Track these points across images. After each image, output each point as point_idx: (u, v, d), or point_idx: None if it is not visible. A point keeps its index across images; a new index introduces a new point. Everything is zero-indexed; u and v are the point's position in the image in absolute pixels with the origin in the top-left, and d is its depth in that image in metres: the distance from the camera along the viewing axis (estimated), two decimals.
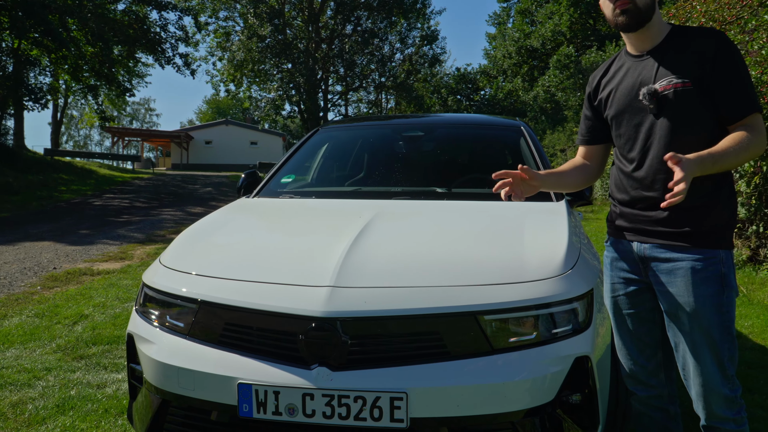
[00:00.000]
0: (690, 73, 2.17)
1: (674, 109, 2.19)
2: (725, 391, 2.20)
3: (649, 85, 2.24)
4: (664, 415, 2.49)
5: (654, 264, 2.27)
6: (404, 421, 2.23)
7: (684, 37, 2.25)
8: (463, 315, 2.35)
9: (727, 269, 2.20)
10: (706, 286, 2.16)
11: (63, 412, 3.52)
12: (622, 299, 2.43)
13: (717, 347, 2.17)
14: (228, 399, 2.36)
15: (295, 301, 2.37)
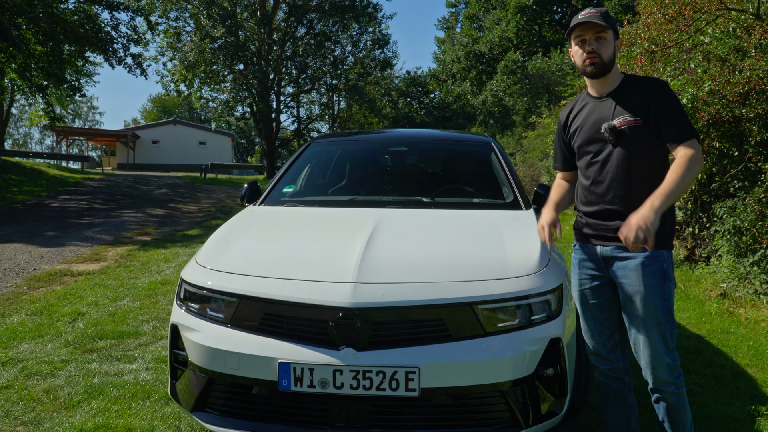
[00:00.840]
0: (640, 112, 2.78)
1: (628, 140, 2.80)
2: (668, 360, 2.78)
3: (608, 121, 2.84)
4: (620, 383, 3.05)
5: (614, 262, 2.86)
6: (416, 390, 2.79)
7: (634, 83, 2.88)
8: (461, 305, 2.92)
9: (667, 265, 2.80)
10: (652, 278, 2.75)
11: (93, 397, 3.96)
12: (587, 292, 3.01)
13: (661, 325, 2.76)
14: (269, 376, 2.87)
15: (325, 295, 2.90)
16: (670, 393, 2.83)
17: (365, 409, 2.86)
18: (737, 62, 7.21)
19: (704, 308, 6.39)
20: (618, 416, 3.09)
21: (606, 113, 2.88)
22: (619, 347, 3.03)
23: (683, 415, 2.86)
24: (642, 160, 2.80)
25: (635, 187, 2.79)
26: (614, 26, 2.86)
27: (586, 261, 3.01)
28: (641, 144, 2.79)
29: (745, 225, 6.95)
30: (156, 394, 4.00)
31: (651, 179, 2.74)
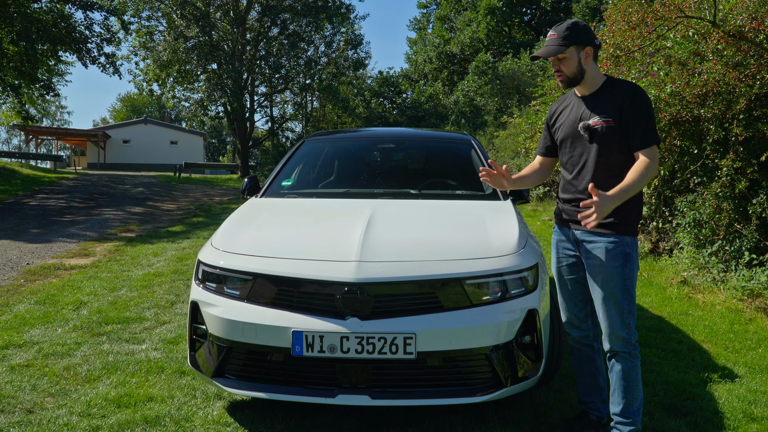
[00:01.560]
0: (613, 113, 3.13)
1: (600, 138, 3.17)
2: (623, 334, 3.17)
3: (585, 120, 3.23)
4: (590, 349, 3.47)
5: (583, 244, 3.28)
6: (413, 354, 3.22)
7: (612, 87, 3.21)
8: (451, 280, 3.36)
9: (630, 249, 3.17)
10: (614, 260, 3.14)
11: (111, 373, 4.32)
12: (564, 268, 3.43)
13: (618, 303, 3.15)
14: (283, 343, 3.28)
15: (332, 272, 3.32)
16: (623, 359, 3.20)
17: (368, 372, 3.28)
18: (696, 66, 7.75)
19: (665, 293, 6.91)
20: (588, 377, 3.49)
21: (585, 113, 3.24)
22: (590, 318, 3.42)
23: (634, 383, 3.21)
24: (613, 157, 3.15)
25: (606, 182, 3.12)
26: (575, 41, 3.15)
27: (563, 242, 3.42)
28: (613, 142, 3.14)
29: (704, 218, 7.48)
30: (169, 369, 4.37)
31: (621, 174, 3.09)
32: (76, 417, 3.61)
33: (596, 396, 3.49)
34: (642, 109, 3.10)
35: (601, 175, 3.18)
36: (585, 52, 3.19)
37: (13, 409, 3.72)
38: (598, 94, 3.24)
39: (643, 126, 3.09)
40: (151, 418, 3.57)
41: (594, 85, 3.25)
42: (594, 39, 3.21)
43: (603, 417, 3.46)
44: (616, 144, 3.14)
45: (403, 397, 3.30)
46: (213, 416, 3.63)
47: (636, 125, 3.09)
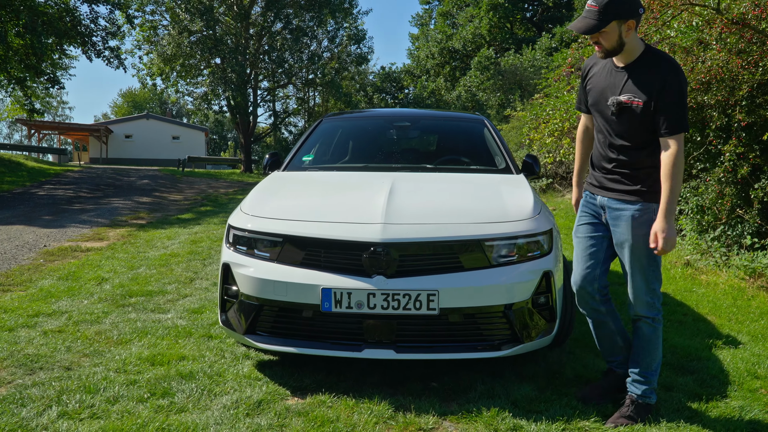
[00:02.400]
0: (645, 93, 3.09)
1: (630, 115, 3.17)
2: (647, 298, 3.28)
3: (614, 95, 3.20)
4: (598, 314, 3.50)
5: (610, 211, 3.32)
6: (436, 310, 3.41)
7: (651, 61, 3.13)
8: (472, 242, 3.56)
9: (656, 216, 3.14)
10: (640, 228, 3.18)
11: (141, 337, 4.51)
12: (584, 227, 3.49)
13: (644, 269, 3.24)
14: (313, 300, 3.47)
15: (360, 233, 3.52)
16: (646, 324, 3.32)
17: (393, 327, 3.47)
18: (700, 53, 7.93)
19: (669, 273, 7.10)
20: (604, 340, 3.57)
21: (616, 85, 3.22)
22: (597, 281, 3.42)
23: (654, 347, 3.34)
24: (639, 135, 3.18)
25: (631, 154, 3.21)
26: (616, 15, 3.02)
27: (590, 205, 3.48)
28: (641, 120, 3.14)
29: (707, 203, 7.67)
30: (197, 334, 4.57)
31: (649, 149, 3.17)
32: (113, 373, 3.80)
33: (617, 355, 3.56)
34: (675, 94, 3.05)
35: (629, 150, 3.24)
36: (627, 26, 3.07)
37: (52, 367, 3.90)
38: (634, 67, 3.18)
39: (673, 112, 3.06)
40: (185, 373, 3.76)
41: (631, 55, 3.18)
42: (638, 8, 3.06)
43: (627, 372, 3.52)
44: (645, 122, 3.15)
45: (426, 351, 3.50)
46: (244, 372, 3.82)
47: (666, 109, 3.07)
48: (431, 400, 3.45)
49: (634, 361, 3.39)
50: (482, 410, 3.26)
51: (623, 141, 3.25)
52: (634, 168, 3.23)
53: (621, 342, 3.54)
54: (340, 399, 3.43)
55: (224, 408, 3.30)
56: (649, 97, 3.09)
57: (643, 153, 3.20)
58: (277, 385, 3.65)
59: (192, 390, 3.53)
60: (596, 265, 3.45)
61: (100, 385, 3.57)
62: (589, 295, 3.47)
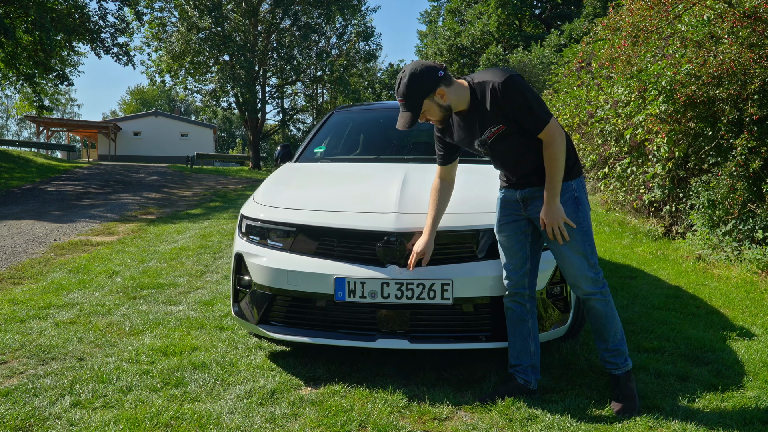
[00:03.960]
0: (498, 119, 3.12)
1: (503, 142, 3.20)
2: (590, 274, 3.21)
3: (479, 138, 3.23)
4: (523, 309, 3.38)
5: (530, 202, 3.29)
6: (450, 299, 3.39)
7: (480, 93, 3.14)
8: (486, 231, 3.54)
9: (578, 193, 3.23)
10: (566, 207, 3.19)
11: (153, 328, 4.51)
12: (507, 226, 3.38)
13: (580, 247, 3.19)
14: (326, 289, 3.46)
15: (373, 222, 3.50)
16: (598, 300, 3.25)
17: (406, 317, 3.46)
18: (712, 47, 7.88)
19: (681, 267, 7.06)
20: (518, 338, 3.39)
21: (472, 131, 3.25)
22: (528, 276, 3.38)
23: (612, 319, 3.27)
24: (523, 146, 3.20)
25: (531, 160, 3.22)
26: (421, 96, 3.10)
27: (507, 202, 3.40)
28: (513, 138, 3.18)
29: (718, 198, 7.61)
30: (209, 325, 4.56)
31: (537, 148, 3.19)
32: (125, 363, 3.79)
33: (525, 360, 3.39)
34: (518, 99, 3.06)
35: (523, 161, 3.26)
36: (438, 95, 3.14)
37: (64, 357, 3.91)
38: (475, 107, 3.20)
39: (528, 113, 3.08)
40: (198, 363, 3.76)
41: (465, 100, 3.21)
42: (436, 75, 3.11)
43: (530, 382, 3.36)
44: (518, 136, 3.18)
45: (440, 341, 3.48)
46: (256, 362, 3.81)
47: (523, 117, 3.10)
48: (445, 390, 3.43)
49: (600, 339, 3.33)
50: (497, 400, 3.23)
51: (516, 163, 3.28)
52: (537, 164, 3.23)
53: (533, 347, 3.41)
54: (354, 389, 3.41)
55: (237, 397, 3.29)
56: (503, 115, 3.12)
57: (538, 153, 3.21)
58: (290, 375, 3.64)
59: (205, 380, 3.52)
60: (526, 260, 3.40)
61: (113, 375, 3.57)
62: (518, 292, 3.40)
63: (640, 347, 4.18)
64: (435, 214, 3.46)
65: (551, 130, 3.12)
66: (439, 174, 3.59)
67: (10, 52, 25.74)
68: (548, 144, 3.14)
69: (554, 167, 3.14)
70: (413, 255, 3.40)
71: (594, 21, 9.62)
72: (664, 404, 3.26)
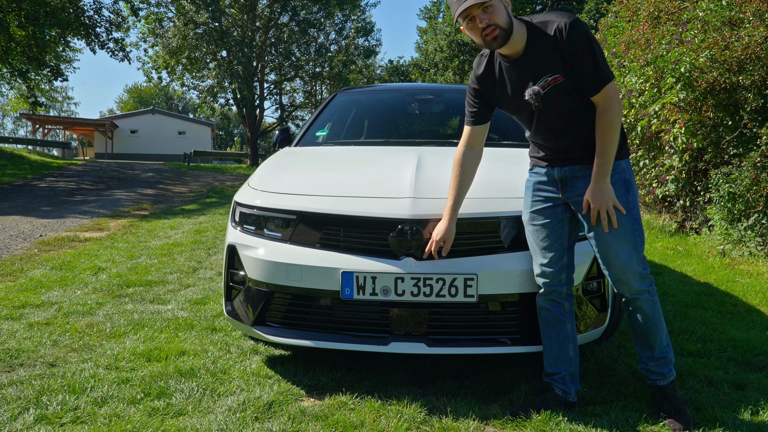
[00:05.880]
0: (556, 67, 2.67)
1: (557, 97, 2.73)
2: (639, 268, 2.75)
3: (532, 87, 2.73)
4: (560, 309, 2.92)
5: (572, 183, 2.84)
6: (474, 296, 2.94)
7: (540, 34, 2.69)
8: (514, 218, 3.07)
9: (628, 175, 2.81)
10: (615, 189, 2.74)
11: (137, 329, 4.05)
12: (541, 212, 2.92)
13: (629, 236, 2.74)
14: (331, 285, 3.00)
15: (386, 208, 3.04)
16: (646, 300, 2.80)
17: (423, 317, 3.00)
18: (732, 33, 7.44)
19: (707, 263, 6.62)
20: (555, 343, 2.95)
21: (524, 80, 2.78)
22: (564, 271, 2.93)
23: (659, 322, 2.84)
24: (576, 110, 2.77)
25: (579, 130, 2.80)
26: None
27: (541, 183, 2.95)
28: (568, 97, 2.74)
29: (741, 190, 7.16)
30: (199, 326, 4.10)
31: (589, 117, 2.75)
32: (102, 369, 3.34)
33: (563, 367, 2.93)
34: (584, 44, 2.63)
35: (571, 129, 2.82)
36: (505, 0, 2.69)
37: (34, 363, 3.45)
38: (531, 49, 2.73)
39: (589, 67, 2.65)
40: (185, 370, 3.30)
41: (521, 38, 2.73)
42: None
43: (570, 393, 2.91)
44: (574, 97, 2.75)
45: (463, 344, 3.03)
46: (251, 369, 3.35)
47: (582, 70, 2.66)
48: (468, 400, 2.97)
49: (645, 346, 2.87)
50: (531, 413, 2.78)
51: (563, 130, 2.83)
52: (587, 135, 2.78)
53: (572, 352, 2.96)
54: (364, 400, 2.96)
55: (229, 411, 2.84)
56: (563, 63, 2.68)
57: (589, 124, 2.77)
58: (290, 383, 3.18)
59: (192, 390, 3.06)
60: (563, 253, 2.95)
61: (87, 384, 3.11)
62: (555, 291, 2.94)
63: (683, 350, 3.73)
64: (457, 193, 2.99)
65: (610, 93, 2.68)
66: (465, 140, 3.08)
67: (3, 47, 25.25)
68: (605, 109, 2.69)
69: (608, 139, 2.68)
70: (432, 242, 2.94)
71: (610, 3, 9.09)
72: (725, 417, 2.80)
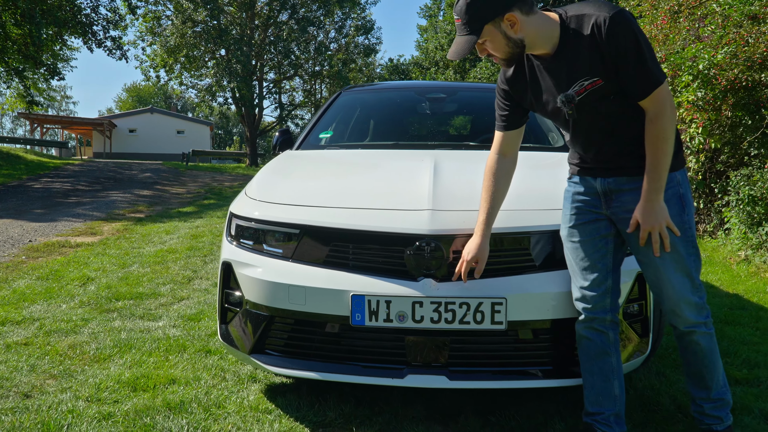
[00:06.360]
0: (595, 68, 2.27)
1: (595, 104, 2.34)
2: (695, 299, 2.38)
3: (564, 92, 2.36)
4: (604, 339, 2.53)
5: (617, 196, 2.44)
6: (503, 323, 2.56)
7: (576, 31, 2.30)
8: (547, 233, 2.70)
9: (684, 189, 2.41)
10: (669, 206, 2.34)
11: (124, 351, 3.68)
12: (580, 228, 2.53)
13: (684, 261, 2.35)
14: (340, 310, 2.63)
15: (401, 222, 2.66)
16: (702, 334, 2.43)
17: (444, 346, 2.64)
18: (754, 29, 7.09)
19: (732, 272, 6.25)
20: (597, 378, 2.54)
21: (557, 83, 2.40)
22: (608, 295, 2.52)
23: (716, 359, 2.47)
24: (620, 114, 2.36)
25: (626, 137, 2.39)
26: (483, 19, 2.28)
27: (582, 195, 2.55)
28: (610, 101, 2.34)
29: (762, 193, 6.79)
30: (192, 348, 3.73)
31: (637, 121, 2.34)
32: (82, 402, 2.97)
33: (608, 406, 2.54)
34: (627, 42, 2.21)
35: (614, 140, 2.41)
36: (507, 22, 2.30)
37: (7, 393, 3.08)
38: (565, 49, 2.34)
39: (636, 64, 2.22)
40: (174, 403, 2.93)
41: (549, 38, 2.35)
42: None
43: None
44: (615, 99, 2.33)
45: (489, 377, 2.66)
46: (249, 401, 2.99)
47: (628, 68, 2.24)
48: None
49: (700, 386, 2.50)
50: None
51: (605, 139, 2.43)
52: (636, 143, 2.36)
53: (617, 389, 2.56)
54: None
55: None
56: (602, 63, 2.26)
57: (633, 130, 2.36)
58: (293, 420, 2.82)
59: (182, 428, 2.70)
60: (606, 275, 2.54)
61: (64, 421, 2.75)
62: (598, 318, 2.54)
63: (729, 377, 3.35)
64: (491, 206, 2.61)
65: (662, 97, 2.25)
66: (498, 146, 2.71)
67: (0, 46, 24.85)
68: (656, 116, 2.26)
69: (661, 151, 2.27)
70: (462, 262, 2.57)
71: None
72: None
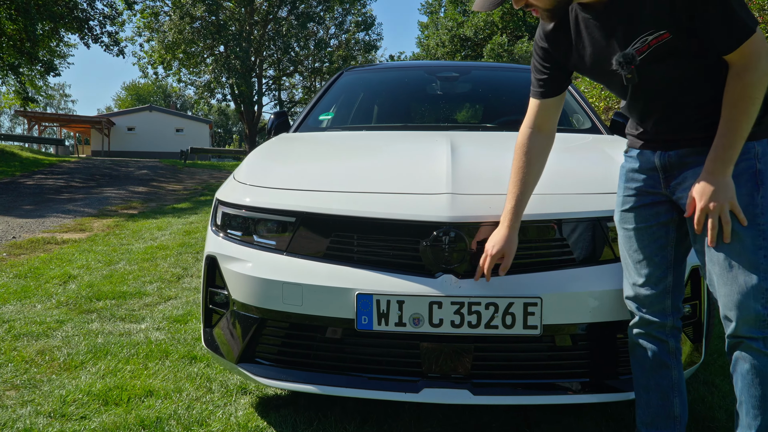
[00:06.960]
0: (661, 20, 1.81)
1: (659, 64, 1.87)
2: (757, 306, 1.81)
3: (621, 51, 1.90)
4: (663, 348, 2.12)
5: (680, 171, 1.98)
6: (538, 328, 2.15)
7: None
8: (587, 221, 2.29)
9: (763, 165, 1.87)
10: (737, 184, 1.85)
11: (99, 358, 3.27)
12: (636, 212, 2.10)
13: (751, 256, 1.83)
14: (343, 313, 2.22)
15: (416, 208, 2.25)
16: (757, 351, 1.84)
17: (467, 354, 2.22)
18: None
19: None
20: (654, 395, 2.13)
21: (611, 41, 1.93)
22: (668, 296, 2.10)
23: None
24: (692, 75, 1.89)
25: (697, 101, 1.91)
26: None
27: (637, 172, 2.10)
28: (680, 58, 1.86)
29: None
30: (176, 354, 3.32)
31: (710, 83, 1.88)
32: (43, 419, 2.55)
33: (665, 427, 2.13)
34: None
35: (680, 109, 1.94)
36: None
37: None
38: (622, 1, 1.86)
39: (721, 10, 1.72)
40: (149, 420, 2.51)
41: None
42: None
43: None
44: (685, 58, 1.85)
45: (520, 392, 2.24)
46: (237, 418, 2.57)
47: (710, 17, 1.74)
48: None
49: (743, 425, 1.89)
50: None
51: (670, 110, 1.96)
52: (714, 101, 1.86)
53: (678, 408, 2.13)
54: None
55: None
56: (671, 14, 1.77)
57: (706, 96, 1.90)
58: None
59: None
60: (666, 271, 2.10)
61: None
62: (655, 323, 2.11)
63: None
64: (520, 191, 2.18)
65: (754, 48, 1.74)
66: (532, 119, 2.26)
67: None
68: (744, 69, 1.76)
69: (742, 111, 1.78)
70: (486, 256, 2.16)
71: None
72: None
